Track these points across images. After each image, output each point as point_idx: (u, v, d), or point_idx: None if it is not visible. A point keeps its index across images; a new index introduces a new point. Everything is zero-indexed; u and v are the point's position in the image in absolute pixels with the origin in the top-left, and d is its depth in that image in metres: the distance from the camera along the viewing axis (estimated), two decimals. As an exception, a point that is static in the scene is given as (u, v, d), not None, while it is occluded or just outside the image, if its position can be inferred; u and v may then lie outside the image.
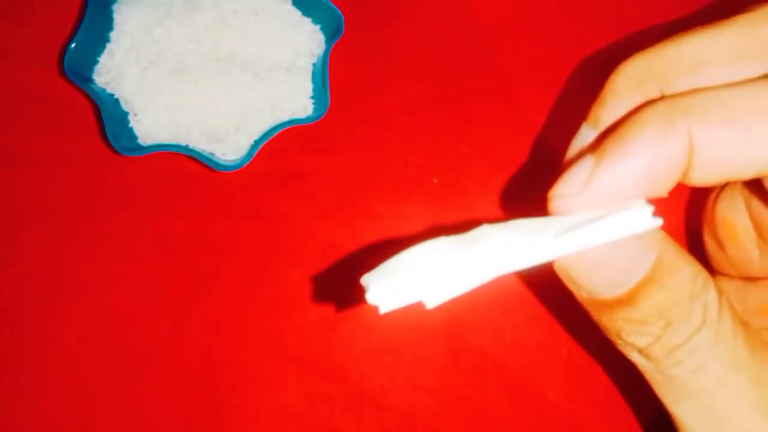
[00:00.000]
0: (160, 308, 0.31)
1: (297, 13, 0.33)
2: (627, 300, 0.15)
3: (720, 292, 0.16)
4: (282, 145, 0.32)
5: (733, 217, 0.20)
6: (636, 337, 0.16)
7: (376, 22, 0.36)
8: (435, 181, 0.33)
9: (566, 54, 0.35)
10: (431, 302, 0.17)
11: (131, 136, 0.31)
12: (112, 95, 0.31)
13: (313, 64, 0.33)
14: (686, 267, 0.15)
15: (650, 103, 0.15)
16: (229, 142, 0.31)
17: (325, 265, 0.32)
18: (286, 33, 0.32)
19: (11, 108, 0.33)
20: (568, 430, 0.30)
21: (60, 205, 0.32)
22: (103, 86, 0.31)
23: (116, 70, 0.31)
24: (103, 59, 0.32)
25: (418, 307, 0.33)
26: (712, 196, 0.20)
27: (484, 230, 0.16)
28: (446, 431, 0.30)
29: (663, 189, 0.15)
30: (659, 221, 0.15)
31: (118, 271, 0.31)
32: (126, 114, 0.31)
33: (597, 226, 0.14)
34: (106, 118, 0.30)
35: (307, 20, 0.33)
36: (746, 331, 0.16)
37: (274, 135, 0.31)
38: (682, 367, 0.16)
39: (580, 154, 0.16)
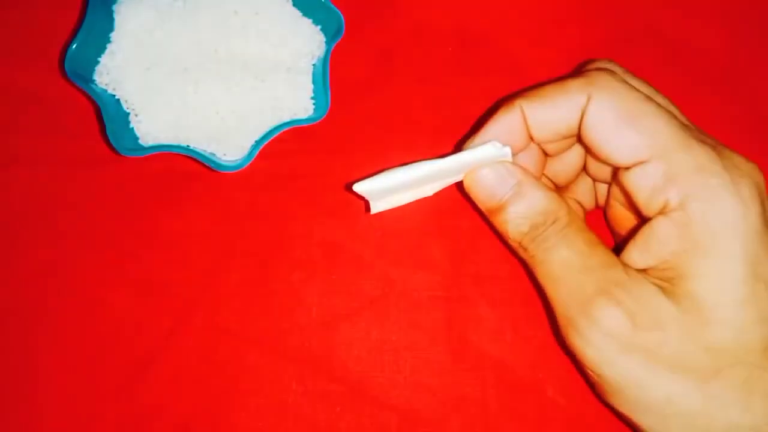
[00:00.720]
0: (160, 308, 0.31)
1: (297, 14, 0.33)
2: (503, 206, 0.26)
3: (574, 215, 0.25)
4: (282, 145, 0.32)
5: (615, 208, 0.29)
6: (514, 232, 0.26)
7: (376, 22, 0.36)
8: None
9: (566, 54, 0.35)
10: (375, 209, 0.27)
11: (132, 136, 0.31)
12: (113, 96, 0.31)
13: (314, 65, 0.33)
14: (541, 192, 0.25)
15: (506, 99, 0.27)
16: (229, 142, 0.31)
17: (325, 265, 0.32)
18: (286, 34, 0.33)
19: (12, 108, 0.34)
20: (568, 430, 0.30)
21: (61, 205, 0.32)
22: (104, 87, 0.31)
23: (117, 71, 0.31)
24: (104, 60, 0.32)
25: (419, 305, 0.33)
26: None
27: (421, 162, 0.26)
28: (446, 431, 0.30)
29: (518, 140, 0.26)
30: (509, 154, 0.25)
31: (118, 271, 0.31)
32: (127, 114, 0.31)
33: (471, 151, 0.25)
34: (107, 119, 0.30)
35: (308, 21, 0.33)
36: (588, 235, 0.25)
37: (275, 135, 0.31)
38: (540, 248, 0.25)
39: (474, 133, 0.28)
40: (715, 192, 0.23)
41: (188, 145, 0.31)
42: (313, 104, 0.32)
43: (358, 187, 0.26)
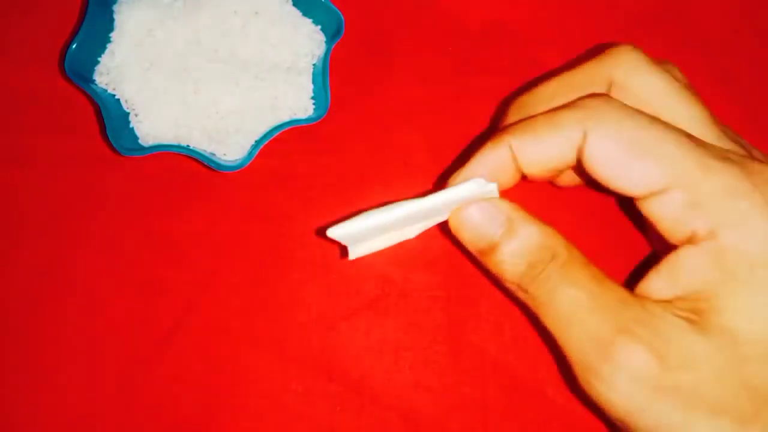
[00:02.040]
0: (160, 308, 0.31)
1: (297, 14, 0.33)
2: (494, 246, 0.23)
3: (573, 248, 0.23)
4: (282, 145, 0.32)
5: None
6: (511, 273, 0.23)
7: (376, 22, 0.36)
8: (435, 180, 0.33)
9: (566, 54, 0.35)
10: (354, 254, 0.25)
11: (132, 136, 0.31)
12: (113, 95, 0.31)
13: (314, 65, 0.33)
14: (535, 227, 0.23)
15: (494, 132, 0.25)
16: (229, 142, 0.31)
17: (325, 265, 0.32)
18: (286, 33, 0.33)
19: (12, 108, 0.34)
20: (568, 430, 0.30)
21: (61, 205, 0.32)
22: (104, 86, 0.31)
23: (117, 71, 0.31)
24: (104, 59, 0.32)
25: (419, 305, 0.33)
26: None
27: (400, 203, 0.24)
28: (446, 431, 0.30)
29: (507, 176, 0.25)
30: (495, 190, 0.24)
31: (118, 271, 0.31)
32: (127, 114, 0.31)
33: (453, 189, 0.24)
34: (107, 119, 0.30)
35: (308, 21, 0.33)
36: (593, 270, 0.23)
37: (275, 135, 0.31)
38: (542, 289, 0.23)
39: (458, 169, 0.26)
40: (748, 216, 0.21)
41: (188, 145, 0.31)
42: (313, 104, 0.32)
43: (332, 232, 0.23)
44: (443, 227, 0.26)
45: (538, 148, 0.24)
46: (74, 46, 0.30)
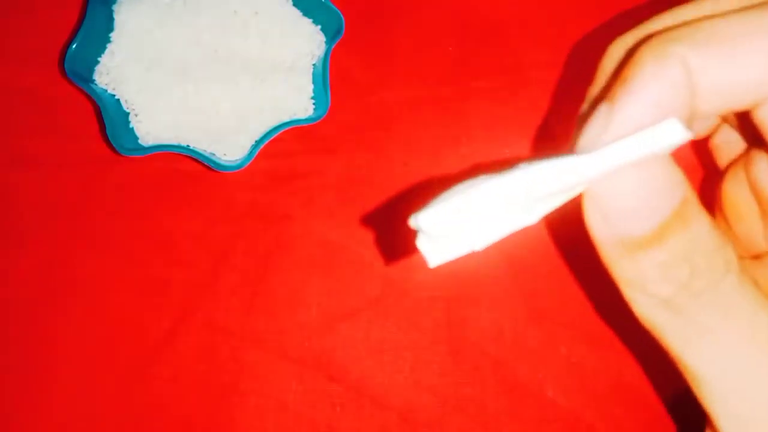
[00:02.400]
0: (160, 308, 0.31)
1: (297, 14, 0.33)
2: (655, 238, 0.15)
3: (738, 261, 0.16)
4: (282, 145, 0.32)
5: (738, 196, 0.20)
6: (661, 285, 0.15)
7: (376, 22, 0.36)
8: (435, 180, 0.33)
9: (566, 54, 0.35)
10: (481, 245, 0.16)
11: (132, 136, 0.31)
12: (113, 96, 0.31)
13: (314, 65, 0.33)
14: (707, 217, 0.15)
15: (644, 40, 0.15)
16: (229, 142, 0.31)
17: (325, 265, 0.32)
18: (286, 34, 0.33)
19: (12, 109, 0.34)
20: (568, 430, 0.30)
21: (61, 205, 0.32)
22: (104, 87, 0.31)
23: (117, 71, 0.31)
24: (104, 60, 0.32)
25: (419, 305, 0.33)
26: (720, 179, 0.21)
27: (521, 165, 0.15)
28: (446, 431, 0.30)
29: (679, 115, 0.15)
30: (689, 134, 0.14)
31: (118, 271, 0.31)
32: (127, 114, 0.31)
33: (629, 140, 0.14)
34: (107, 119, 0.30)
35: (308, 21, 0.33)
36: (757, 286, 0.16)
37: (275, 135, 0.31)
38: (709, 312, 0.15)
39: (593, 106, 0.16)
40: None
41: (188, 145, 0.31)
42: (313, 104, 0.32)
43: (419, 220, 0.15)
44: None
45: (734, 66, 0.15)
46: (74, 46, 0.30)
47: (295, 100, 0.32)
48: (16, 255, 0.31)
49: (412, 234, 0.32)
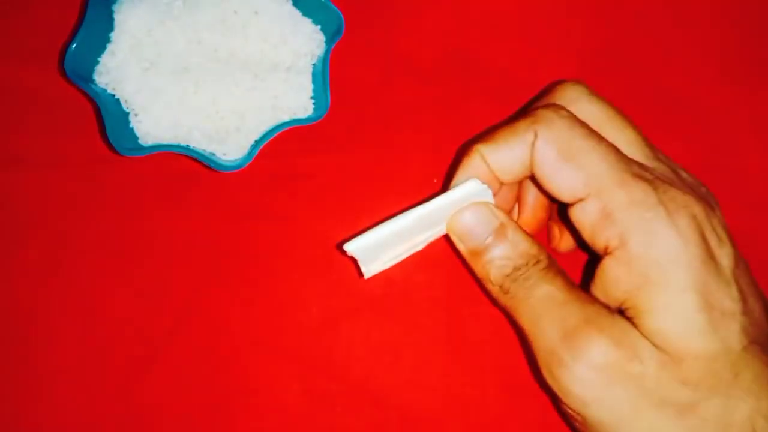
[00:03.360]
0: (160, 308, 0.31)
1: (297, 14, 0.33)
2: (486, 248, 0.25)
3: (553, 259, 0.25)
4: (282, 145, 0.32)
5: (552, 220, 0.31)
6: (496, 275, 0.25)
7: (376, 22, 0.36)
8: (435, 181, 0.33)
9: (566, 54, 0.35)
10: (368, 273, 0.27)
11: (132, 136, 0.31)
12: (113, 95, 0.31)
13: (314, 65, 0.33)
14: (525, 236, 0.25)
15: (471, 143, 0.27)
16: (229, 142, 0.31)
17: (325, 265, 0.32)
18: (286, 33, 0.33)
19: (12, 108, 0.34)
20: (568, 430, 0.30)
21: (61, 205, 0.32)
22: (104, 86, 0.31)
23: (117, 71, 0.31)
24: (104, 60, 0.32)
25: (419, 305, 0.33)
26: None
27: (407, 212, 0.25)
28: (446, 430, 0.30)
29: (489, 183, 0.26)
30: (489, 192, 0.26)
31: (118, 271, 0.31)
32: (127, 114, 0.31)
33: (454, 190, 0.25)
34: (107, 119, 0.30)
35: (308, 20, 0.33)
36: (567, 278, 0.25)
37: (275, 135, 0.31)
38: (522, 287, 0.25)
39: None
40: (652, 225, 0.23)
41: (188, 145, 0.31)
42: (313, 104, 0.32)
43: (349, 247, 0.25)
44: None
45: (501, 152, 0.26)
46: (74, 46, 0.30)
47: (294, 99, 0.32)
48: (16, 255, 0.31)
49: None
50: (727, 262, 0.23)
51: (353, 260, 0.26)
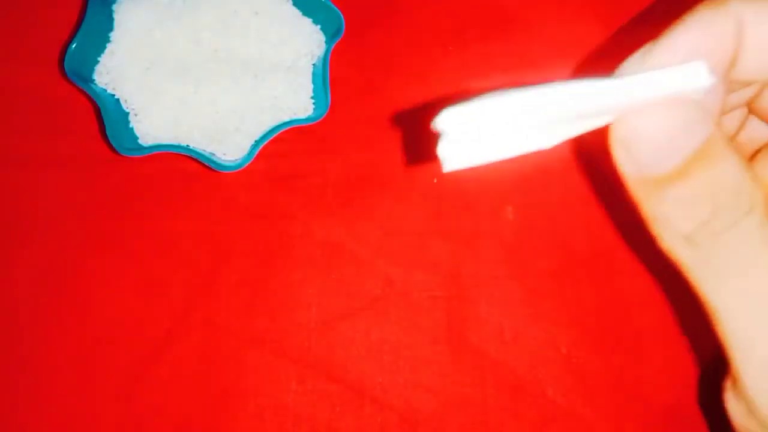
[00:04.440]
0: (160, 308, 0.31)
1: (297, 14, 0.33)
2: (679, 174, 0.15)
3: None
4: (282, 145, 0.32)
5: None
6: (683, 221, 0.16)
7: (376, 22, 0.36)
8: (435, 181, 0.33)
9: (566, 54, 0.35)
10: (497, 156, 0.16)
11: (132, 136, 0.31)
12: (113, 95, 0.31)
13: (314, 65, 0.33)
14: (739, 162, 0.15)
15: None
16: (229, 142, 0.31)
17: (325, 265, 0.32)
18: (286, 33, 0.33)
19: (12, 108, 0.34)
20: (568, 430, 0.30)
21: (60, 205, 0.32)
22: (104, 86, 0.31)
23: (117, 71, 0.31)
24: (104, 59, 0.32)
25: (419, 305, 0.33)
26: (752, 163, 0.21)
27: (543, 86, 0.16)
28: (446, 431, 0.30)
29: (716, 68, 0.16)
30: (713, 79, 0.15)
31: (118, 271, 0.31)
32: (126, 114, 0.31)
33: (654, 74, 0.15)
34: (107, 119, 0.30)
35: (308, 20, 0.33)
36: None
37: (275, 135, 0.31)
38: (728, 250, 0.15)
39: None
40: None
41: (188, 145, 0.31)
42: (313, 104, 0.32)
43: (442, 117, 0.16)
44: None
45: None
46: (74, 46, 0.30)
47: (294, 99, 0.32)
48: (16, 255, 0.31)
49: (412, 234, 0.32)
50: None
51: (436, 140, 0.16)
